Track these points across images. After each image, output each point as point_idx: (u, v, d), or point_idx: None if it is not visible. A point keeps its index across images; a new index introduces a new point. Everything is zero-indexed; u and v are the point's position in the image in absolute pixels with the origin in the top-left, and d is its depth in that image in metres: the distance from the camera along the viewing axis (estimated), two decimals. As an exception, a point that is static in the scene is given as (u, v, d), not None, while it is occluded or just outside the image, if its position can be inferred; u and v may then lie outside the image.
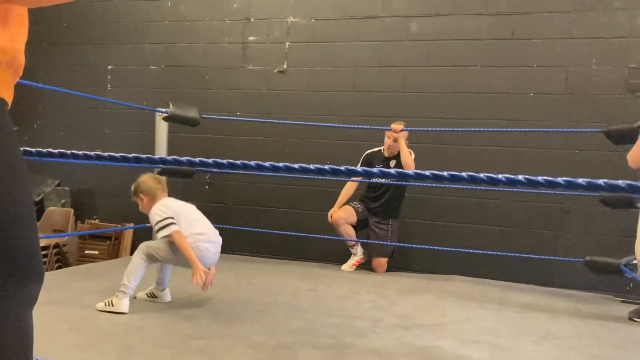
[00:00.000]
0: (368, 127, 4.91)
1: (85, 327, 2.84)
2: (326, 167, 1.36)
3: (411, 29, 5.28)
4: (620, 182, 1.29)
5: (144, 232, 5.69)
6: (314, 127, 5.31)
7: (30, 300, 1.50)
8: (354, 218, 4.93)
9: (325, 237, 5.06)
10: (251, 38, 5.78)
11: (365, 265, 5.00)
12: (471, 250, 4.73)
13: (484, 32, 5.07)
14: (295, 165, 1.51)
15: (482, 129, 4.83)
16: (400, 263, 5.05)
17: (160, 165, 5.00)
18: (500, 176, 1.27)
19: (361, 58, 5.41)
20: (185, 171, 5.13)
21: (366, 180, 4.97)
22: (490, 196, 4.99)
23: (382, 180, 4.87)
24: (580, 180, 1.27)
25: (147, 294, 3.50)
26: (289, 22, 5.65)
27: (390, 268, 4.99)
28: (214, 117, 5.26)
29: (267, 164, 1.55)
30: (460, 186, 4.91)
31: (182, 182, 5.64)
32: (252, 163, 1.56)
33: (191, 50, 5.94)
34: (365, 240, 4.96)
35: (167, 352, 2.55)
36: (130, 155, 1.68)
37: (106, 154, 1.60)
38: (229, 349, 2.62)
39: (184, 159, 1.66)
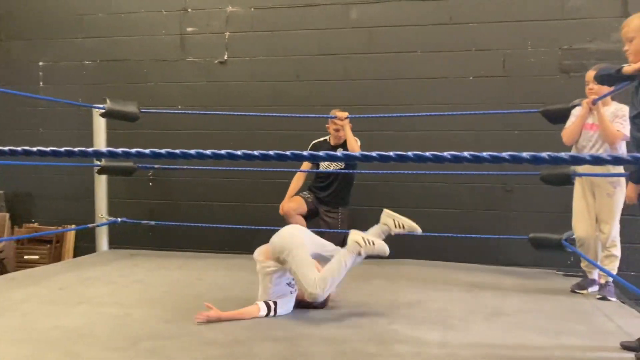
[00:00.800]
0: (313, 115, 4.88)
1: (29, 336, 2.71)
2: (271, 152, 1.32)
3: (351, 16, 5.27)
4: (562, 154, 1.31)
5: (86, 234, 5.50)
6: (258, 118, 5.24)
7: None
8: (304, 208, 4.90)
9: (277, 228, 5.00)
10: (189, 29, 5.64)
11: (316, 255, 4.99)
12: (419, 234, 4.78)
13: (423, 18, 5.13)
14: (239, 152, 1.46)
15: (423, 114, 4.89)
16: (350, 250, 5.06)
17: (97, 163, 4.84)
18: (445, 154, 1.27)
19: (303, 46, 5.37)
20: (126, 168, 4.98)
21: (315, 171, 4.95)
22: (435, 180, 5.07)
23: (331, 169, 4.86)
24: (524, 154, 1.28)
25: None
26: (227, 11, 5.55)
27: (341, 256, 4.99)
28: (153, 111, 5.12)
29: (208, 152, 1.48)
30: (407, 171, 4.96)
31: (125, 181, 5.48)
32: (193, 152, 1.49)
33: (127, 43, 5.75)
34: (316, 229, 4.94)
35: (116, 355, 2.46)
36: (62, 149, 1.60)
37: (35, 148, 1.51)
38: (181, 348, 2.56)
39: (119, 150, 1.57)
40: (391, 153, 1.27)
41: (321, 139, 4.97)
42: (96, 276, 4.09)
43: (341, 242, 4.94)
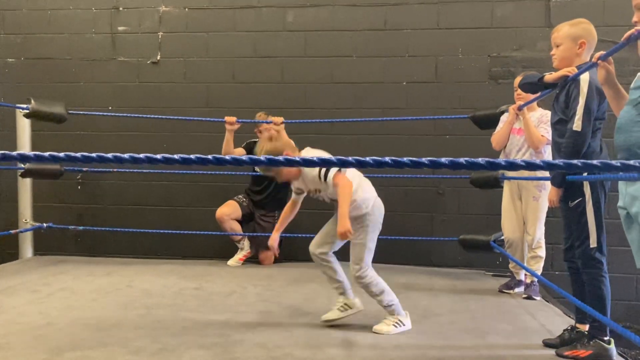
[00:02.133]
0: (247, 121, 4.82)
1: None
2: (209, 157, 1.30)
3: (288, 19, 5.26)
4: (500, 160, 1.35)
5: (9, 240, 5.23)
6: (191, 120, 5.14)
7: None
8: (238, 213, 4.85)
9: (209, 232, 4.94)
10: (121, 28, 5.48)
11: (253, 259, 4.94)
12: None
13: (358, 23, 5.18)
14: (176, 156, 1.42)
15: (359, 119, 4.93)
16: (287, 254, 5.05)
17: (21, 166, 4.62)
18: (386, 159, 1.28)
19: (238, 48, 5.32)
20: (52, 171, 4.77)
21: (249, 174, 4.91)
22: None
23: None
24: (462, 160, 1.31)
25: (339, 308, 3.07)
26: (160, 11, 5.42)
27: (278, 260, 4.98)
28: (82, 112, 4.93)
29: (142, 155, 1.44)
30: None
31: (52, 184, 5.25)
32: (126, 155, 1.44)
33: (54, 41, 5.52)
34: (250, 234, 4.90)
35: (36, 368, 2.35)
36: None
37: None
38: (107, 357, 2.47)
39: (46, 154, 1.50)
40: (333, 158, 1.28)
41: (255, 140, 4.93)
42: (18, 284, 3.89)
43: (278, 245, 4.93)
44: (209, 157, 1.40)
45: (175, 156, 1.43)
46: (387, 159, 1.41)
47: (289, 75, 5.26)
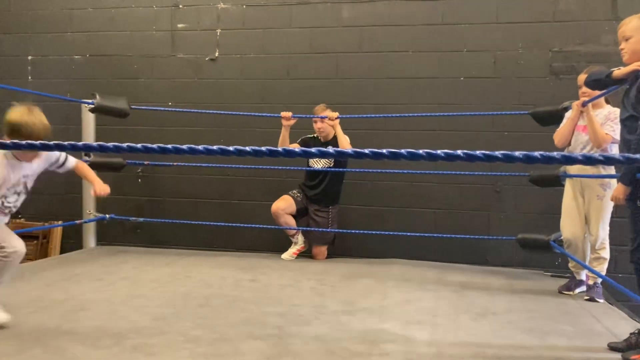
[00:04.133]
0: (303, 116, 4.86)
1: (12, 332, 2.67)
2: (263, 148, 1.31)
3: (343, 14, 5.26)
4: (555, 154, 1.31)
5: (73, 230, 5.45)
6: (248, 115, 5.22)
7: None
8: (293, 208, 4.88)
9: (264, 226, 5.00)
10: (180, 25, 5.60)
11: (306, 254, 4.98)
12: (408, 234, 4.80)
13: (415, 18, 5.12)
14: (231, 148, 1.45)
15: (414, 114, 4.89)
16: (340, 250, 5.06)
17: (86, 158, 4.80)
18: (439, 152, 1.26)
19: (294, 45, 5.35)
20: (115, 164, 4.94)
21: (304, 169, 4.94)
22: (424, 180, 5.06)
23: (320, 167, 4.86)
24: (517, 153, 1.27)
25: None
26: (219, 8, 5.51)
27: (331, 255, 4.99)
28: (143, 107, 5.08)
29: (200, 147, 1.47)
30: (397, 171, 4.96)
31: (113, 177, 5.42)
32: (184, 147, 1.48)
33: (117, 38, 5.70)
34: (304, 228, 4.93)
35: (100, 353, 2.43)
36: (51, 143, 1.58)
37: (24, 142, 1.49)
38: (165, 346, 2.54)
39: (110, 144, 1.56)
40: (384, 150, 1.26)
41: (310, 136, 4.96)
42: (83, 273, 4.05)
43: (331, 241, 4.95)
44: (263, 148, 1.42)
45: (231, 148, 1.46)
46: (440, 152, 1.36)
47: (343, 70, 5.26)
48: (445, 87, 5.09)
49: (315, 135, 4.93)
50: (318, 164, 4.90)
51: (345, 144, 4.71)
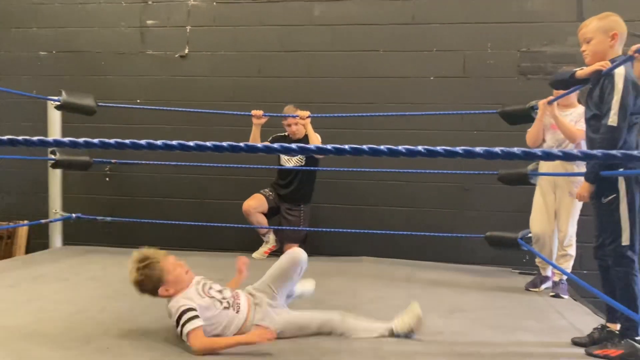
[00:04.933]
0: (274, 114, 4.84)
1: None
2: (224, 144, 1.30)
3: (314, 13, 5.26)
4: (515, 149, 1.32)
5: (39, 230, 5.34)
6: (218, 113, 5.18)
7: None
8: (265, 206, 4.86)
9: (235, 225, 4.96)
10: (150, 22, 5.53)
11: (278, 252, 4.95)
12: (379, 232, 4.83)
13: (386, 17, 5.15)
14: (191, 143, 1.43)
15: (385, 114, 4.91)
16: (312, 248, 5.04)
17: (52, 157, 4.70)
18: (400, 147, 1.27)
19: (265, 42, 5.33)
20: (82, 162, 4.85)
21: (276, 167, 4.93)
22: (395, 178, 5.08)
23: (291, 165, 4.84)
24: (478, 149, 1.28)
25: None
26: (189, 5, 5.46)
27: (302, 253, 4.98)
28: (110, 105, 4.99)
29: (175, 142, 1.45)
30: (367, 169, 4.98)
31: (80, 175, 5.34)
32: (159, 142, 1.45)
33: (85, 34, 5.60)
34: (276, 227, 4.92)
35: (67, 354, 2.38)
36: (20, 138, 1.53)
37: None
38: (134, 347, 2.50)
39: (81, 140, 1.52)
40: (346, 146, 1.26)
41: (281, 134, 4.94)
42: (48, 273, 3.97)
43: (302, 239, 4.95)
44: (224, 144, 1.40)
45: (191, 143, 1.44)
46: (401, 148, 1.38)
47: (315, 69, 5.26)
48: (416, 87, 5.13)
49: (286, 133, 4.91)
50: (289, 162, 4.89)
51: (317, 142, 4.71)
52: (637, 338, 2.56)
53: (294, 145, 1.46)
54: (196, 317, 2.46)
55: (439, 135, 5.02)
